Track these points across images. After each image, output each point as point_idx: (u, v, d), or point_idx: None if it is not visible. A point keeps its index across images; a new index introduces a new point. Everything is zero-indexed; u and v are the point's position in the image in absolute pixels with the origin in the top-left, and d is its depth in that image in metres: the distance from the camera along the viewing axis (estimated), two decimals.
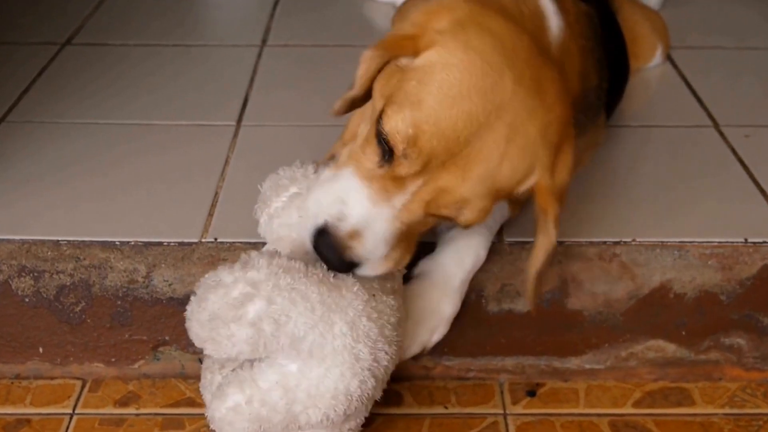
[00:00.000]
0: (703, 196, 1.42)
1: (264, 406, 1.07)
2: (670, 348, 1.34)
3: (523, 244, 1.30)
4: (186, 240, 1.31)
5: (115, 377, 1.35)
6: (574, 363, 1.34)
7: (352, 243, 1.04)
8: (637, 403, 1.31)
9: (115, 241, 1.31)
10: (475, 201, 1.03)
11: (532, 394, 1.32)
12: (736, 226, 1.34)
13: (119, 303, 1.30)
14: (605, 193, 1.42)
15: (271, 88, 1.76)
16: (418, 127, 1.00)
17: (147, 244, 1.30)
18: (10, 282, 1.30)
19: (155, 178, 1.46)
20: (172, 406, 1.30)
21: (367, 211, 1.03)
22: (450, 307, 1.22)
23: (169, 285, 1.30)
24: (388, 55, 1.07)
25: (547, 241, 1.09)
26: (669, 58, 1.87)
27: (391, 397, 1.15)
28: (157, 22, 2.05)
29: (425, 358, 1.31)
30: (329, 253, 1.05)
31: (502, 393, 1.32)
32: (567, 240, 1.31)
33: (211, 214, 1.37)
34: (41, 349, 1.33)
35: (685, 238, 1.32)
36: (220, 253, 1.29)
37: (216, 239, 1.31)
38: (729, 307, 1.31)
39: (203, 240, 1.31)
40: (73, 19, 2.04)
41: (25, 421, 1.27)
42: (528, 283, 1.14)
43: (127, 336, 1.33)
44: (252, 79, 1.79)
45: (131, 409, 1.29)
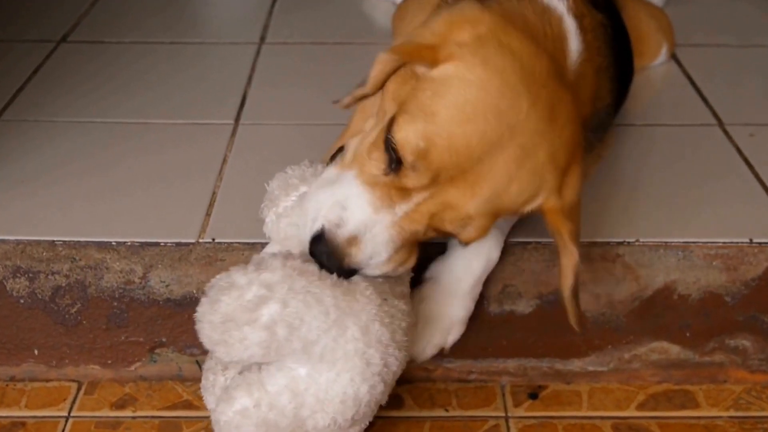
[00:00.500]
0: (707, 196, 1.42)
1: (272, 410, 1.07)
2: (674, 350, 1.34)
3: (525, 244, 1.30)
4: (183, 240, 1.31)
5: (111, 379, 1.35)
6: (576, 365, 1.35)
7: (350, 250, 1.04)
8: (640, 406, 1.31)
9: (111, 242, 1.31)
10: (479, 219, 1.04)
11: (534, 396, 1.32)
12: (741, 226, 1.35)
13: (115, 304, 1.31)
14: (608, 192, 1.42)
15: (270, 86, 1.76)
16: (431, 140, 1.00)
17: (144, 245, 1.31)
18: (5, 283, 1.30)
19: (152, 178, 1.46)
20: (169, 408, 1.30)
21: (367, 217, 1.03)
22: (461, 310, 1.22)
23: (166, 286, 1.30)
24: (404, 61, 1.08)
25: (571, 259, 1.10)
26: (673, 56, 1.87)
27: (391, 400, 1.16)
28: (153, 19, 2.06)
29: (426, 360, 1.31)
30: (327, 261, 1.06)
31: (503, 395, 1.33)
32: None
33: (208, 214, 1.37)
34: (36, 351, 1.34)
35: (690, 238, 1.32)
36: (218, 254, 1.30)
37: (214, 240, 1.31)
38: (734, 308, 1.32)
39: (201, 240, 1.31)
40: (69, 16, 2.04)
41: (20, 424, 1.27)
42: (567, 305, 1.14)
43: (123, 338, 1.33)
44: (250, 77, 1.79)
45: (128, 412, 1.29)
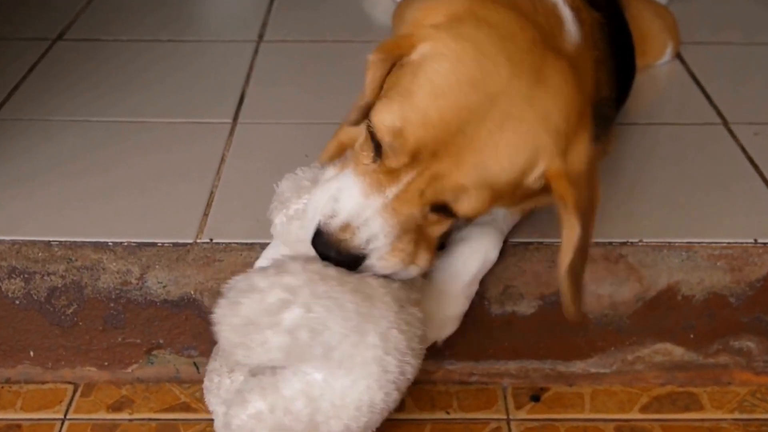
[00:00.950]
0: (711, 196, 1.42)
1: (287, 415, 1.07)
2: (678, 351, 1.34)
3: (527, 244, 1.30)
4: (181, 240, 1.31)
5: (107, 381, 1.35)
6: (579, 367, 1.35)
7: (345, 235, 1.05)
8: (644, 408, 1.31)
9: (107, 242, 1.31)
10: (473, 190, 1.03)
11: (536, 398, 1.33)
12: (746, 226, 1.35)
13: (112, 305, 1.31)
14: (611, 192, 1.42)
15: (268, 85, 1.76)
16: (405, 118, 1.01)
17: (141, 245, 1.31)
18: (0, 284, 1.30)
19: (149, 177, 1.46)
20: (166, 411, 1.30)
21: (358, 204, 1.05)
22: (454, 307, 1.22)
23: (164, 287, 1.30)
24: (391, 57, 1.08)
25: (571, 233, 1.07)
26: (678, 54, 1.87)
27: None
28: (151, 17, 2.06)
29: (427, 361, 1.31)
30: (326, 250, 1.06)
31: (505, 398, 1.33)
32: None
33: (206, 214, 1.37)
34: (32, 353, 1.34)
35: (693, 238, 1.32)
36: (216, 254, 1.30)
37: (212, 240, 1.31)
38: (738, 309, 1.32)
39: (198, 241, 1.31)
40: (65, 14, 2.05)
41: (15, 426, 1.27)
42: (561, 287, 1.11)
43: (120, 339, 1.33)
44: (248, 76, 1.79)
45: (124, 415, 1.30)
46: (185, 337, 1.33)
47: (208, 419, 1.28)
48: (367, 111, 1.14)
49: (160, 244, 1.31)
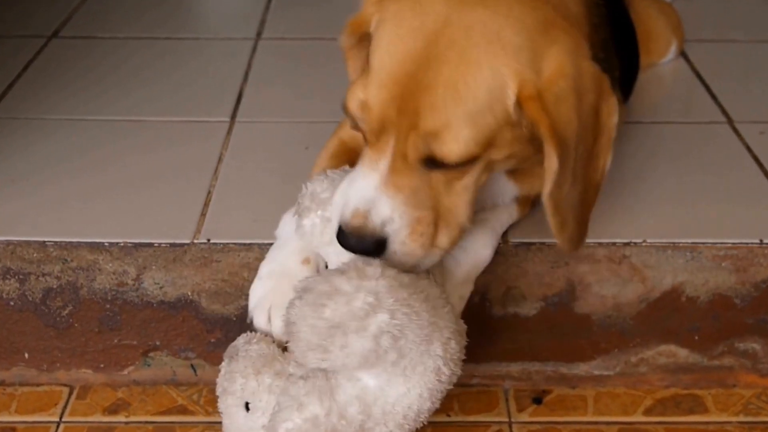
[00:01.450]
0: (716, 196, 1.42)
1: (341, 420, 1.09)
2: (682, 353, 1.34)
3: (528, 245, 1.30)
4: (178, 241, 1.31)
5: (103, 384, 1.35)
6: (582, 369, 1.35)
7: (359, 221, 1.07)
8: (647, 411, 1.31)
9: (103, 242, 1.31)
10: (447, 130, 1.03)
11: (538, 401, 1.33)
12: (751, 226, 1.35)
13: (108, 306, 1.31)
14: (615, 192, 1.42)
15: (267, 83, 1.76)
16: (366, 90, 1.05)
17: (137, 245, 1.31)
18: None
19: (146, 177, 1.46)
20: (163, 413, 1.30)
21: (360, 188, 1.08)
22: None
23: (160, 288, 1.30)
24: (358, 38, 1.13)
25: (548, 163, 1.06)
26: (682, 53, 1.87)
27: None
28: (147, 14, 2.06)
29: None
30: (347, 242, 1.09)
31: (507, 400, 1.33)
32: None
33: (203, 214, 1.37)
34: (27, 355, 1.34)
35: (698, 239, 1.32)
36: (214, 255, 1.30)
37: (209, 240, 1.31)
38: (743, 310, 1.32)
39: (196, 241, 1.31)
40: (61, 10, 2.05)
41: (10, 429, 1.27)
42: (549, 216, 1.11)
43: (116, 341, 1.33)
44: (246, 74, 1.79)
45: (120, 417, 1.30)
46: (182, 339, 1.33)
47: (206, 422, 1.28)
48: None
49: (156, 245, 1.31)
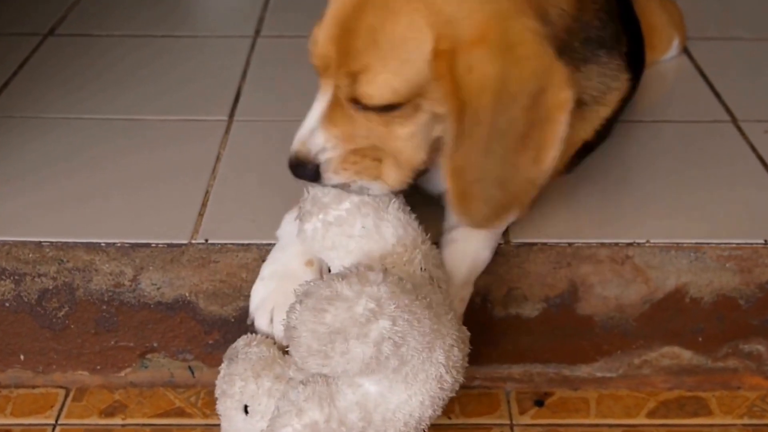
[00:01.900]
0: (720, 195, 1.42)
1: (342, 426, 1.09)
2: (686, 355, 1.34)
3: (530, 245, 1.30)
4: (175, 241, 1.31)
5: (100, 386, 1.35)
6: (584, 371, 1.35)
7: (299, 149, 1.15)
8: (651, 414, 1.31)
9: (100, 243, 1.31)
10: (366, 73, 1.09)
11: (540, 403, 1.32)
12: (756, 226, 1.34)
13: (104, 308, 1.31)
14: (617, 191, 1.42)
15: (265, 82, 1.76)
16: (317, 30, 1.15)
17: (134, 246, 1.31)
18: None
19: (143, 176, 1.46)
20: (160, 416, 1.30)
21: (307, 120, 1.16)
22: None
23: (158, 289, 1.30)
24: None
25: (448, 123, 1.10)
26: (685, 49, 1.87)
27: None
28: (145, 11, 2.06)
29: None
30: (292, 167, 1.16)
31: (508, 402, 1.33)
32: (577, 241, 1.31)
33: (201, 214, 1.37)
34: (22, 357, 1.34)
35: (702, 239, 1.32)
36: (211, 255, 1.30)
37: (207, 240, 1.31)
38: (748, 312, 1.32)
39: (193, 241, 1.31)
40: (56, 8, 2.05)
41: None
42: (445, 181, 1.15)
43: (112, 342, 1.33)
44: (245, 72, 1.79)
45: (117, 420, 1.29)
46: (180, 341, 1.32)
47: (204, 424, 1.28)
48: None
49: (154, 245, 1.31)
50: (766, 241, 1.31)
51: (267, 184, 1.43)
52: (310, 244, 1.18)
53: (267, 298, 1.20)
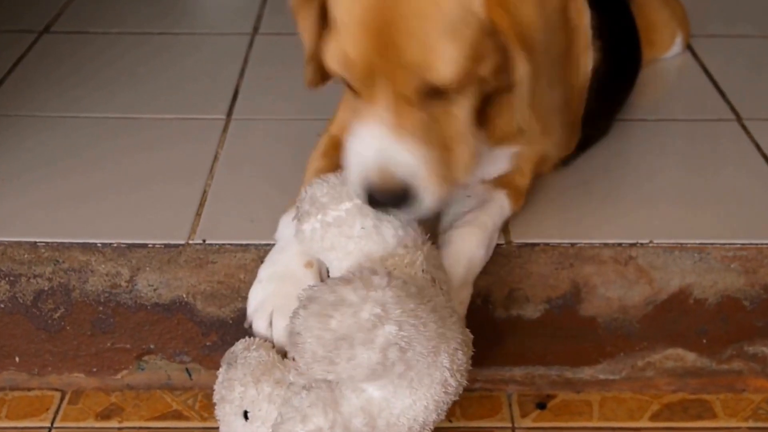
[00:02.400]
0: (725, 195, 1.42)
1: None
2: (690, 357, 1.34)
3: (532, 246, 1.30)
4: (172, 242, 1.31)
5: (96, 388, 1.35)
6: (587, 373, 1.35)
7: (383, 177, 1.09)
8: (654, 416, 1.31)
9: (96, 243, 1.31)
10: (435, 55, 1.05)
11: (542, 406, 1.32)
12: (761, 226, 1.34)
13: (101, 309, 1.31)
14: (620, 191, 1.42)
15: (264, 80, 1.76)
16: (342, 46, 1.07)
17: (130, 246, 1.30)
18: None
19: (140, 176, 1.46)
20: (157, 419, 1.30)
21: (371, 145, 1.09)
22: None
23: (155, 290, 1.30)
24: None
25: (517, 65, 1.08)
26: (689, 47, 1.87)
27: None
28: (142, 8, 2.06)
29: None
30: (377, 202, 1.11)
31: (510, 405, 1.32)
32: (579, 242, 1.31)
33: (199, 214, 1.37)
34: (17, 358, 1.34)
35: (706, 239, 1.32)
36: (209, 256, 1.30)
37: (204, 241, 1.31)
38: (753, 313, 1.32)
39: (191, 242, 1.31)
40: (52, 5, 2.04)
41: None
42: (519, 116, 1.14)
43: (109, 344, 1.33)
44: (243, 71, 1.79)
45: (114, 423, 1.29)
46: (177, 343, 1.32)
47: (202, 427, 1.28)
48: (316, 63, 1.18)
49: (150, 246, 1.31)
50: None
51: (266, 184, 1.43)
52: (308, 244, 1.18)
53: (265, 301, 1.20)
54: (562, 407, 1.32)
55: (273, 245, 1.25)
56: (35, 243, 1.31)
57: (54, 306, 1.31)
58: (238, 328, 1.28)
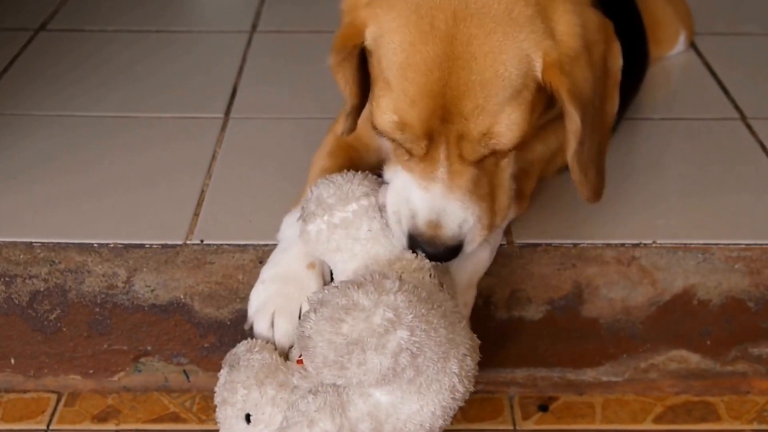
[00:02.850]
0: (729, 195, 1.42)
1: None
2: (694, 359, 1.34)
3: (534, 246, 1.30)
4: (170, 242, 1.31)
5: (92, 390, 1.35)
6: (589, 375, 1.34)
7: (438, 232, 1.11)
8: (658, 419, 1.31)
9: (93, 243, 1.31)
10: (501, 124, 1.07)
11: (544, 408, 1.32)
12: (765, 226, 1.34)
13: (97, 310, 1.31)
14: (624, 191, 1.42)
15: (262, 78, 1.76)
16: (397, 109, 1.08)
17: (127, 247, 1.30)
18: None
19: (137, 176, 1.46)
20: (154, 421, 1.30)
21: (424, 199, 1.11)
22: None
23: (152, 291, 1.30)
24: (348, 52, 1.14)
25: (570, 124, 1.10)
26: (693, 45, 1.87)
27: None
28: (139, 6, 2.06)
29: None
30: (427, 251, 1.13)
31: (512, 407, 1.32)
32: (582, 242, 1.31)
33: (196, 214, 1.37)
34: (13, 360, 1.34)
35: (710, 239, 1.32)
36: (207, 256, 1.30)
37: (202, 241, 1.31)
38: (757, 314, 1.32)
39: (188, 242, 1.31)
40: (48, 2, 2.05)
41: None
42: (573, 175, 1.16)
43: (105, 346, 1.33)
44: (241, 68, 1.79)
45: (110, 425, 1.29)
46: (174, 344, 1.32)
47: (199, 430, 1.28)
48: (355, 114, 1.20)
49: (147, 246, 1.31)
50: None
51: (264, 184, 1.43)
52: (313, 246, 1.17)
53: (267, 302, 1.20)
54: (564, 409, 1.32)
55: (272, 245, 1.26)
56: (31, 243, 1.31)
57: (50, 307, 1.31)
58: (236, 329, 1.28)
